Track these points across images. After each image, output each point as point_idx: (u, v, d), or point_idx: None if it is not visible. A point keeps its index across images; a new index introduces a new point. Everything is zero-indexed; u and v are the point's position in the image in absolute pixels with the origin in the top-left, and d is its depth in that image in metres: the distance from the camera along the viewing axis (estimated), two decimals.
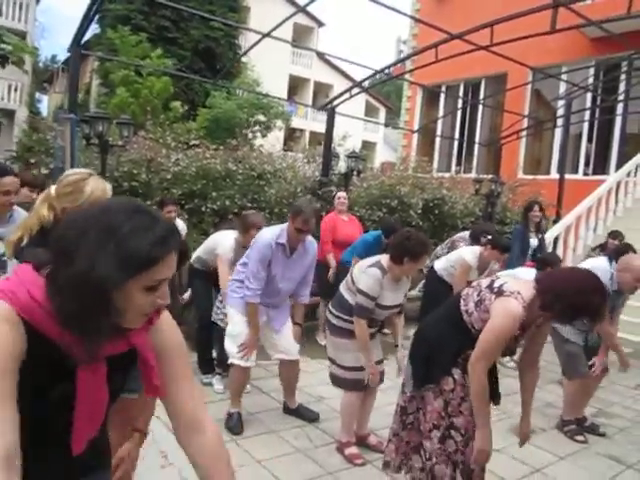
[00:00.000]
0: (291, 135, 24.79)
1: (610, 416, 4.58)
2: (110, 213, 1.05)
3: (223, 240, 4.42)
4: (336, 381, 3.50)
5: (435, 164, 14.93)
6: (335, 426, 3.82)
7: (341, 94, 7.04)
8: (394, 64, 6.09)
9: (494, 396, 2.59)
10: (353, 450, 3.47)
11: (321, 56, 26.00)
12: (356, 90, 7.23)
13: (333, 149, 7.83)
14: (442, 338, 2.55)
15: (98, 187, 2.27)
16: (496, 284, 2.41)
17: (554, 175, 11.25)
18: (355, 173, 7.31)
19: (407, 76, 14.43)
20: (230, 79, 16.69)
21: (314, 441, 3.67)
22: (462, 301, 2.51)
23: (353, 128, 25.50)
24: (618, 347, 3.98)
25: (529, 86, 12.68)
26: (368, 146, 28.05)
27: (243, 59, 20.89)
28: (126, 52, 12.69)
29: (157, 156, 5.92)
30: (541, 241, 6.43)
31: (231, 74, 18.13)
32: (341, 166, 7.77)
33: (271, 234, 3.63)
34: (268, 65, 23.15)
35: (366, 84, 11.01)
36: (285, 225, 3.67)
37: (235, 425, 3.72)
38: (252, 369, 4.69)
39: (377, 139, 30.41)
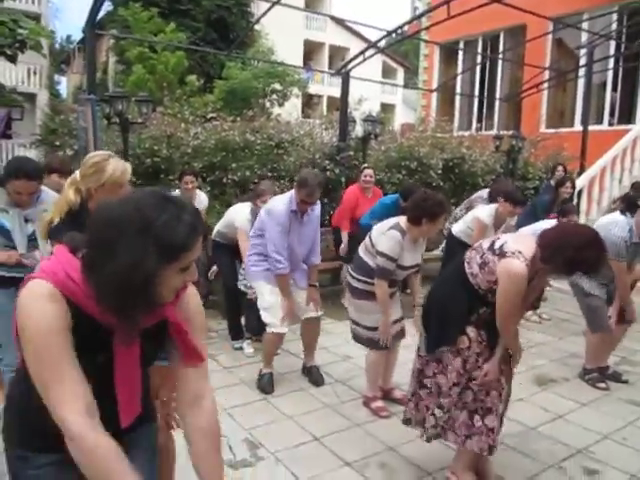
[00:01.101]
0: (309, 102, 24.61)
1: (634, 364, 4.64)
2: (143, 208, 1.14)
3: (239, 213, 4.56)
4: (360, 340, 3.64)
5: (455, 123, 14.71)
6: (361, 383, 3.98)
7: (355, 57, 6.99)
8: (408, 22, 6.01)
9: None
10: (379, 404, 3.63)
11: (335, 19, 25.52)
12: (370, 52, 7.15)
13: (349, 114, 7.82)
14: (453, 300, 2.63)
15: (118, 167, 2.44)
16: (497, 245, 2.48)
17: (578, 127, 11.00)
18: (372, 136, 7.30)
19: (423, 34, 14.17)
20: (244, 49, 16.59)
21: (341, 397, 3.84)
22: (466, 264, 2.59)
23: (370, 91, 25.17)
24: (627, 299, 4.00)
25: (549, 37, 12.30)
26: (387, 108, 27.67)
27: (256, 27, 20.61)
28: (139, 29, 12.72)
29: (176, 131, 6.03)
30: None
31: (245, 44, 17.99)
32: (358, 130, 7.76)
33: (283, 203, 3.73)
34: (282, 31, 22.83)
35: (382, 45, 10.87)
36: (292, 192, 3.76)
37: (267, 384, 3.91)
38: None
39: (396, 101, 29.97)
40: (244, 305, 4.77)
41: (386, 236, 3.33)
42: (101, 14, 16.38)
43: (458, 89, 14.74)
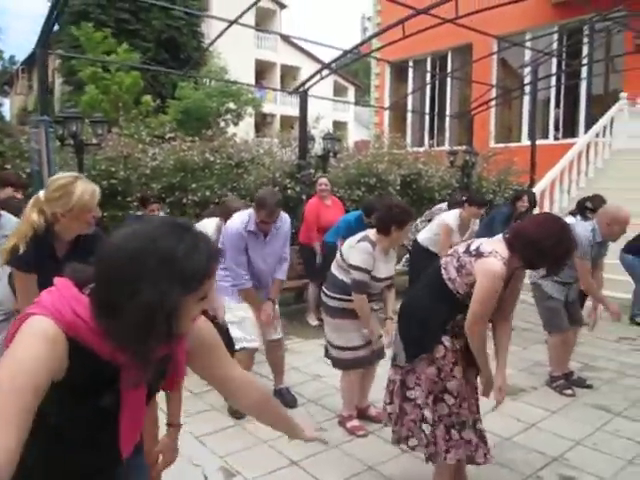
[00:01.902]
0: (263, 121, 24.64)
1: (595, 369, 4.78)
2: (159, 240, 1.07)
3: (204, 229, 4.45)
4: (338, 364, 3.56)
5: (408, 139, 15.05)
6: (333, 402, 3.94)
7: (312, 77, 7.05)
8: (362, 43, 6.13)
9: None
10: (355, 423, 3.58)
11: (286, 39, 25.76)
12: (326, 71, 7.24)
13: (308, 132, 7.86)
14: (429, 308, 2.61)
15: (87, 190, 2.28)
16: (472, 247, 2.52)
17: (525, 142, 11.45)
18: (332, 154, 7.36)
19: (374, 53, 14.47)
20: (197, 68, 16.50)
21: (315, 417, 3.78)
22: (443, 270, 2.59)
23: (323, 109, 25.48)
24: (598, 296, 4.13)
25: (495, 56, 12.80)
26: (339, 126, 27.98)
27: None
28: (92, 49, 12.46)
29: (133, 152, 5.89)
30: None
31: (198, 63, 17.93)
32: (317, 148, 7.81)
33: (240, 222, 3.66)
34: (233, 51, 22.81)
35: (335, 64, 11.02)
36: (251, 212, 3.69)
37: (238, 410, 3.79)
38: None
39: (348, 118, 30.39)
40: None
41: (357, 249, 3.33)
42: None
43: (409, 106, 15.11)
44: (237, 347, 3.76)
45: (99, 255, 1.11)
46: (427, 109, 14.91)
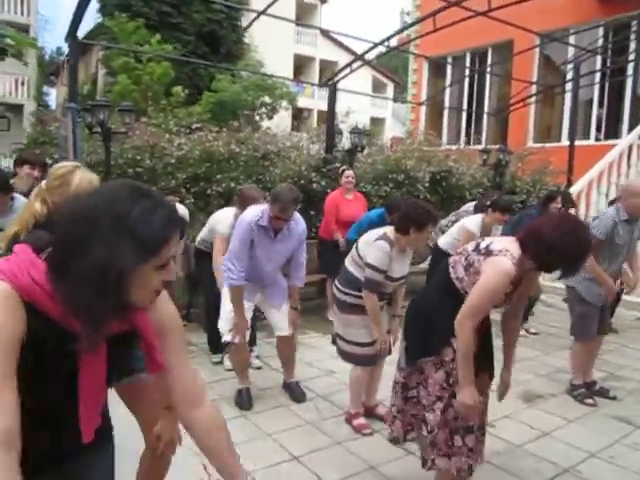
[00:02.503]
0: (299, 115, 24.67)
1: (620, 379, 4.57)
2: (116, 200, 1.05)
3: (222, 218, 4.41)
4: (345, 356, 3.50)
5: (444, 137, 14.79)
6: (343, 398, 3.88)
7: (342, 69, 6.98)
8: (394, 35, 5.99)
9: (488, 366, 2.60)
10: (361, 421, 3.52)
11: (325, 33, 25.71)
12: (357, 64, 7.16)
13: (336, 126, 7.79)
14: (438, 308, 2.51)
15: (84, 179, 2.29)
16: (482, 245, 2.41)
17: (565, 142, 11.06)
18: (359, 149, 7.27)
19: (412, 48, 14.26)
20: (234, 62, 16.61)
21: (323, 413, 3.73)
22: (451, 269, 2.51)
23: (360, 105, 25.31)
24: (605, 281, 3.85)
25: (537, 52, 12.43)
26: (377, 122, 27.80)
27: (247, 41, 20.78)
28: (125, 39, 12.65)
29: (160, 141, 5.95)
30: None
31: (235, 57, 18.05)
32: (345, 143, 7.73)
33: (252, 215, 3.59)
34: (272, 46, 22.94)
35: (370, 57, 10.88)
36: (266, 207, 3.61)
37: (244, 401, 3.79)
38: (262, 346, 4.81)
39: (386, 115, 30.10)
40: None
41: (374, 247, 3.23)
42: (91, 25, 16.34)
43: (447, 103, 14.84)
44: (223, 339, 3.75)
45: (57, 214, 1.11)
46: (464, 106, 14.59)
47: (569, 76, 10.19)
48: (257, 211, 3.63)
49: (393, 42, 9.46)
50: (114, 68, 12.31)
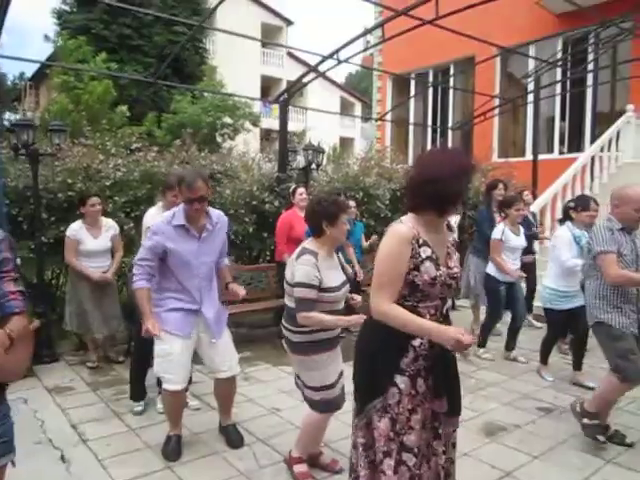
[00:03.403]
0: (268, 136, 24.39)
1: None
2: None
3: (147, 214, 4.02)
4: (312, 405, 2.98)
5: (410, 153, 14.66)
6: (286, 442, 3.47)
7: (294, 84, 6.68)
8: (344, 46, 5.71)
9: (451, 400, 2.19)
10: (303, 468, 3.09)
11: (292, 55, 25.66)
12: (309, 77, 6.86)
13: (292, 144, 7.48)
14: (374, 334, 2.17)
15: None
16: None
17: (529, 157, 10.95)
18: (315, 166, 6.95)
19: (375, 66, 14.13)
20: (196, 82, 16.30)
21: (260, 461, 3.30)
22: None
23: (330, 125, 25.26)
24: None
25: (498, 67, 12.43)
26: (346, 142, 27.74)
27: (213, 62, 20.54)
28: (65, 57, 12.15)
29: (93, 163, 5.52)
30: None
31: (198, 79, 17.73)
32: (300, 161, 7.41)
33: (163, 218, 3.23)
34: (239, 68, 22.77)
35: (339, 78, 10.62)
36: (180, 206, 3.21)
37: (171, 451, 3.33)
38: (203, 384, 4.36)
39: (354, 134, 30.08)
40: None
41: (299, 263, 2.83)
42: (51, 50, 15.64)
43: (412, 120, 14.73)
44: (163, 386, 3.31)
45: None
46: (429, 122, 14.48)
47: (530, 89, 10.09)
48: (167, 214, 3.25)
49: (358, 61, 9.31)
50: (53, 87, 11.86)
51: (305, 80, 6.88)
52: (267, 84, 26.93)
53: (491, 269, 5.23)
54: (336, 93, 29.55)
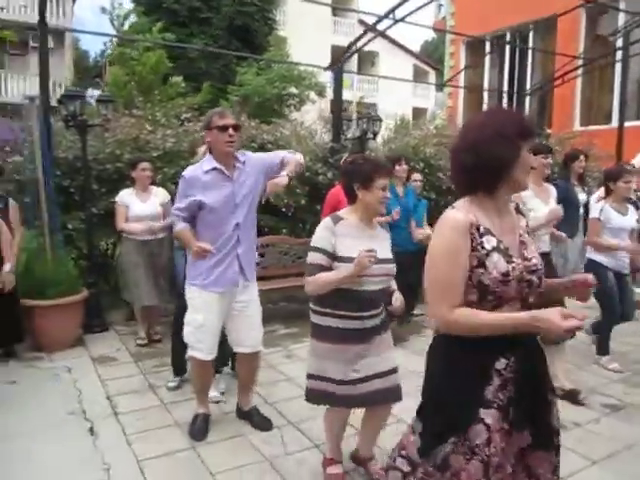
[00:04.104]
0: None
1: None
2: None
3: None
4: (312, 397, 2.68)
5: None
6: (319, 427, 3.25)
7: (348, 47, 6.33)
8: (403, 2, 5.23)
9: (530, 425, 1.70)
10: (334, 470, 2.78)
11: (363, 21, 24.89)
12: (364, 40, 6.43)
13: (346, 112, 7.15)
14: (445, 356, 1.72)
15: None
16: None
17: (615, 124, 9.97)
18: (371, 136, 6.59)
19: (448, 29, 13.37)
20: (263, 54, 16.13)
21: (288, 446, 3.13)
22: None
23: (400, 95, 24.47)
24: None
25: (583, 25, 11.37)
26: (419, 112, 26.80)
27: (282, 34, 20.32)
28: (136, 32, 12.28)
29: (140, 133, 5.47)
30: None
31: (267, 50, 17.56)
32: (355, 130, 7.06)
33: (195, 167, 3.06)
34: (309, 38, 22.43)
35: (415, 46, 10.10)
36: (208, 155, 3.04)
37: (198, 430, 3.21)
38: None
39: (428, 105, 28.97)
40: None
41: (317, 229, 2.57)
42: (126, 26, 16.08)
43: (486, 86, 13.87)
44: (188, 353, 3.18)
45: None
46: (505, 88, 13.55)
47: (619, 48, 9.11)
48: (198, 163, 3.09)
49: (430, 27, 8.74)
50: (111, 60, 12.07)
51: (361, 43, 6.44)
52: (338, 54, 26.34)
53: (595, 254, 4.31)
54: (409, 62, 28.55)
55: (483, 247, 1.62)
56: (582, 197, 5.41)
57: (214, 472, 2.84)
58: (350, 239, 2.48)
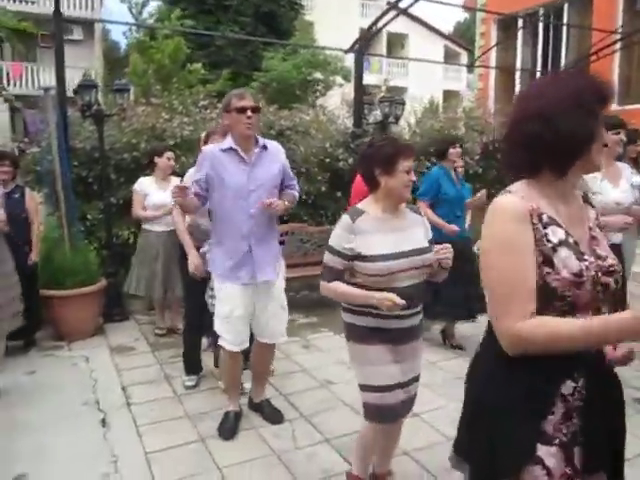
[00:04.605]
0: (365, 92, 23.66)
1: None
2: None
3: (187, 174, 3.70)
4: (364, 409, 2.36)
5: None
6: (332, 420, 3.21)
7: (369, 28, 6.13)
8: None
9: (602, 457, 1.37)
10: None
11: (391, 2, 24.40)
12: (387, 18, 6.20)
13: (369, 96, 6.97)
14: (496, 378, 1.39)
15: None
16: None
17: None
18: (393, 119, 6.40)
19: (479, 7, 12.91)
20: (289, 40, 15.96)
21: (298, 440, 3.05)
22: None
23: (431, 77, 23.95)
24: None
25: None
26: (451, 95, 26.20)
27: (309, 18, 20.10)
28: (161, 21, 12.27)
29: (157, 121, 5.43)
30: None
31: (293, 36, 17.38)
32: (377, 114, 6.87)
33: (212, 145, 3.03)
34: (337, 22, 22.12)
35: (447, 26, 9.78)
36: (227, 136, 2.95)
37: (228, 429, 3.09)
38: None
39: (460, 87, 28.30)
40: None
41: (336, 226, 2.29)
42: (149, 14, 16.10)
43: (518, 65, 13.37)
44: (219, 342, 3.09)
45: None
46: (539, 67, 13.06)
47: None
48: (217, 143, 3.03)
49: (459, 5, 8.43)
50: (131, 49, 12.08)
51: (382, 22, 6.23)
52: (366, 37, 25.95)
53: None
54: (440, 43, 27.91)
55: (548, 240, 1.30)
56: (637, 179, 4.95)
57: (221, 466, 2.79)
58: (374, 234, 2.20)
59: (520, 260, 1.28)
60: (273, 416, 3.25)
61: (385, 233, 2.21)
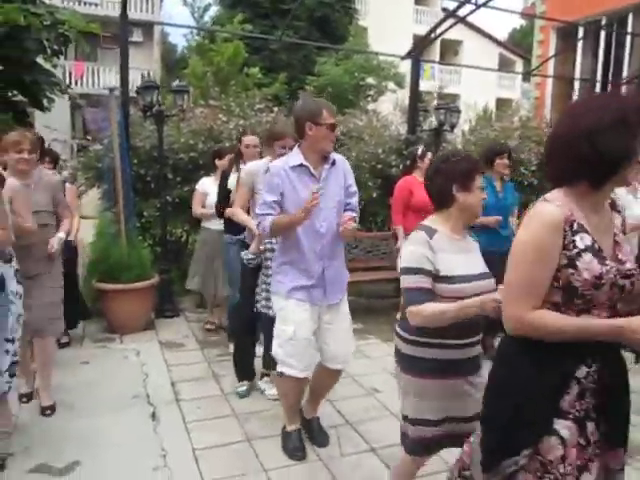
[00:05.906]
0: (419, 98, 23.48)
1: None
2: None
3: (256, 169, 3.46)
4: (401, 439, 2.24)
5: None
6: (378, 429, 3.18)
7: (426, 36, 6.08)
8: None
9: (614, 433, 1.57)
10: None
11: (447, 9, 24.17)
12: (444, 26, 6.13)
13: (426, 103, 6.90)
14: (518, 360, 1.58)
15: None
16: None
17: None
18: (448, 128, 6.31)
19: (538, 21, 12.62)
20: (342, 43, 16.02)
21: (344, 447, 3.04)
22: None
23: (484, 85, 23.55)
24: None
25: None
26: (504, 103, 25.69)
27: (362, 23, 20.12)
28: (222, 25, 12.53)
29: (214, 123, 5.54)
30: None
31: (345, 39, 17.44)
32: (432, 122, 6.80)
33: (280, 161, 2.85)
34: (391, 27, 22.06)
35: (503, 34, 9.61)
36: (295, 149, 2.81)
37: (294, 448, 2.93)
38: None
39: (514, 95, 27.72)
40: (264, 329, 3.46)
41: (406, 243, 2.14)
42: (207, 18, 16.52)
43: (577, 75, 12.99)
44: (277, 369, 2.91)
45: None
46: (599, 77, 12.65)
47: None
48: (285, 157, 2.87)
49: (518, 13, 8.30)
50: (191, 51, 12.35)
51: (441, 29, 6.16)
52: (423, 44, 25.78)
53: None
54: (494, 50, 27.42)
55: (575, 246, 1.48)
56: None
57: (267, 468, 2.80)
58: (450, 254, 2.05)
59: (542, 267, 1.49)
60: (320, 438, 3.10)
61: (457, 254, 2.08)
